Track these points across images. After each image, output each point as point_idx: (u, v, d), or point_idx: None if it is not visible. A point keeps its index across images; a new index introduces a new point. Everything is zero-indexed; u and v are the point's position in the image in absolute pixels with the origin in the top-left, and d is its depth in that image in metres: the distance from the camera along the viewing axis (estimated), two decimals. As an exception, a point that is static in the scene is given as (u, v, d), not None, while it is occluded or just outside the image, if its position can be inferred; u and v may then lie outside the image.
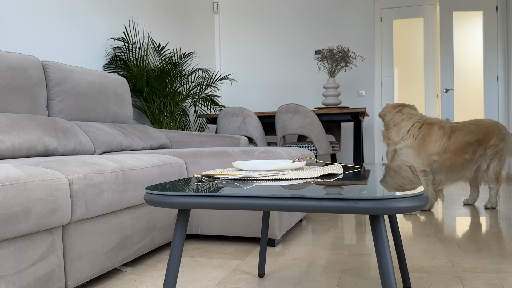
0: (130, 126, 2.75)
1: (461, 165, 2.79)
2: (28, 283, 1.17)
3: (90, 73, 2.54)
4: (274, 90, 5.43)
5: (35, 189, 1.17)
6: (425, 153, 2.73)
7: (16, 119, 1.93)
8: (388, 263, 0.73)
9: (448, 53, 5.03)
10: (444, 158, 2.75)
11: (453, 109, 5.05)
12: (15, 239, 1.14)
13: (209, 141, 2.93)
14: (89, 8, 3.15)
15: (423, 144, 2.72)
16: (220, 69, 5.56)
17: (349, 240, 2.12)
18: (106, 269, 1.52)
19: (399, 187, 0.84)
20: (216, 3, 5.50)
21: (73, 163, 1.43)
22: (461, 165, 2.79)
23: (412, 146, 2.74)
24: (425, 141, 2.72)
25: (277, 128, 3.92)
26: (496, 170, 2.86)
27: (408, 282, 1.41)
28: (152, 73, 3.45)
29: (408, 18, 5.23)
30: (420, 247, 1.97)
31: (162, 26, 4.21)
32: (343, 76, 5.19)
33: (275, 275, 1.59)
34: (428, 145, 2.73)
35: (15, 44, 2.51)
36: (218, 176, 1.10)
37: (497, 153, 2.83)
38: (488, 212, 2.83)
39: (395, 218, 1.41)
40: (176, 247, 0.90)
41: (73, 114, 2.38)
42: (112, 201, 1.51)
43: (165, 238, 1.93)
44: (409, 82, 6.19)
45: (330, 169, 1.20)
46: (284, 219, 2.08)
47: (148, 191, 0.89)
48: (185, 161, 2.13)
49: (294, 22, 5.33)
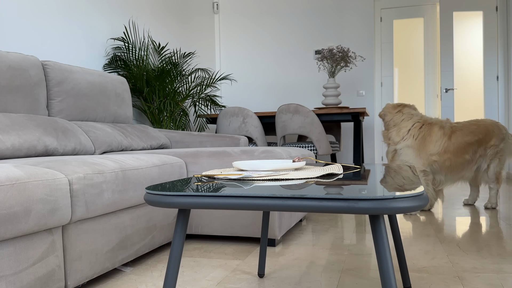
0: (130, 126, 2.76)
1: (461, 165, 2.79)
2: (28, 283, 1.17)
3: (90, 73, 2.54)
4: (274, 90, 5.43)
5: (35, 189, 1.17)
6: (426, 153, 2.74)
7: (16, 119, 1.93)
8: (388, 263, 0.73)
9: (448, 53, 5.03)
10: (444, 158, 2.75)
11: (453, 109, 5.05)
12: (15, 239, 1.14)
13: (209, 141, 2.93)
14: (89, 8, 3.15)
15: (423, 144, 2.72)
16: (220, 69, 5.56)
17: (349, 240, 2.12)
18: (106, 269, 1.52)
19: (399, 187, 0.84)
20: (216, 3, 5.50)
21: (73, 163, 1.43)
22: (461, 165, 2.79)
23: (412, 146, 2.75)
24: (426, 141, 2.72)
25: (277, 128, 3.92)
26: (496, 170, 2.86)
27: (408, 282, 1.41)
28: (152, 73, 3.45)
29: (408, 18, 5.23)
30: (420, 247, 1.97)
31: (162, 26, 4.21)
32: (343, 76, 5.19)
33: (275, 275, 1.59)
34: (428, 145, 2.73)
35: (15, 44, 2.51)
36: (218, 176, 1.10)
37: (497, 153, 2.84)
38: (488, 212, 2.83)
39: (395, 218, 1.41)
40: (176, 247, 0.90)
41: (73, 114, 2.38)
42: (112, 201, 1.51)
43: (165, 238, 1.93)
44: (409, 82, 6.19)
45: (330, 169, 1.20)
46: (284, 219, 2.08)
47: (148, 191, 0.89)
48: (185, 161, 2.13)
49: (294, 22, 5.33)
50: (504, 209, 2.93)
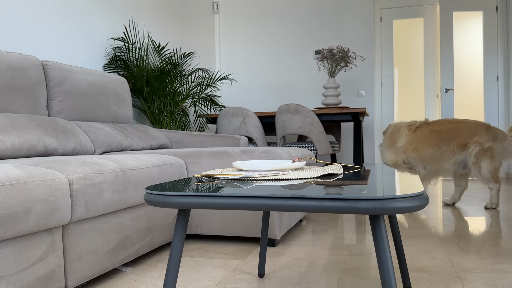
0: (130, 126, 2.76)
1: (433, 156, 3.06)
2: (28, 283, 1.17)
3: (90, 73, 2.54)
4: (274, 90, 5.43)
5: (35, 189, 1.17)
6: (395, 148, 3.22)
7: (16, 119, 1.93)
8: (388, 263, 0.73)
9: (448, 53, 5.03)
10: (411, 149, 3.11)
11: (453, 109, 5.05)
12: (15, 239, 1.14)
13: (209, 141, 2.93)
14: (89, 8, 3.15)
15: (393, 141, 3.26)
16: (220, 69, 5.56)
17: (349, 240, 2.12)
18: (106, 269, 1.52)
19: (399, 187, 0.84)
20: (216, 3, 5.50)
21: (73, 163, 1.43)
22: (434, 156, 3.05)
23: (386, 146, 3.29)
24: (395, 139, 3.25)
25: (277, 128, 3.92)
26: (490, 169, 2.89)
27: (408, 282, 1.41)
28: (152, 73, 3.45)
29: (408, 18, 5.23)
30: (420, 247, 1.97)
31: (162, 26, 4.21)
32: (343, 76, 5.19)
33: (275, 275, 1.59)
34: (397, 142, 3.23)
35: (15, 44, 2.51)
36: (218, 176, 1.10)
37: (486, 152, 2.87)
38: (488, 212, 2.83)
39: (395, 218, 1.41)
40: (176, 247, 0.90)
41: (73, 114, 2.38)
42: (112, 201, 1.51)
43: (165, 238, 1.93)
44: (409, 82, 6.18)
45: (330, 169, 1.20)
46: (284, 219, 2.08)
47: (148, 191, 0.89)
48: (185, 161, 2.13)
49: (294, 22, 5.33)
50: (504, 209, 2.93)
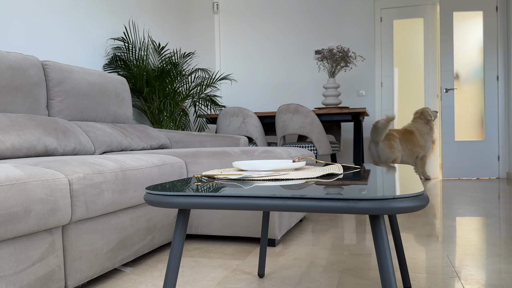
0: (130, 126, 2.75)
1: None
2: (28, 283, 1.17)
3: (90, 73, 2.54)
4: (274, 90, 5.43)
5: (35, 189, 1.17)
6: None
7: (16, 119, 1.93)
8: (388, 263, 0.73)
9: (448, 53, 5.03)
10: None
11: (453, 109, 5.05)
12: (15, 239, 1.14)
13: (209, 141, 2.93)
14: (89, 8, 3.15)
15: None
16: (220, 69, 5.56)
17: (349, 240, 2.12)
18: (106, 269, 1.52)
19: (399, 187, 0.84)
20: (216, 3, 5.50)
21: (73, 163, 1.43)
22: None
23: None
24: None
25: (277, 128, 3.92)
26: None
27: (408, 282, 1.41)
28: (152, 73, 3.45)
29: (408, 18, 5.23)
30: (420, 247, 1.97)
31: (162, 26, 4.21)
32: (343, 76, 5.19)
33: (275, 275, 1.59)
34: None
35: (15, 44, 2.51)
36: (218, 176, 1.10)
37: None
38: (488, 212, 2.83)
39: (395, 218, 1.41)
40: (176, 247, 0.90)
41: (73, 114, 2.38)
42: (112, 201, 1.51)
43: (165, 238, 1.93)
44: (409, 82, 6.18)
45: (330, 169, 1.20)
46: (284, 219, 2.08)
47: (148, 191, 0.89)
48: (185, 161, 2.13)
49: (294, 22, 5.33)
50: (504, 209, 2.93)
